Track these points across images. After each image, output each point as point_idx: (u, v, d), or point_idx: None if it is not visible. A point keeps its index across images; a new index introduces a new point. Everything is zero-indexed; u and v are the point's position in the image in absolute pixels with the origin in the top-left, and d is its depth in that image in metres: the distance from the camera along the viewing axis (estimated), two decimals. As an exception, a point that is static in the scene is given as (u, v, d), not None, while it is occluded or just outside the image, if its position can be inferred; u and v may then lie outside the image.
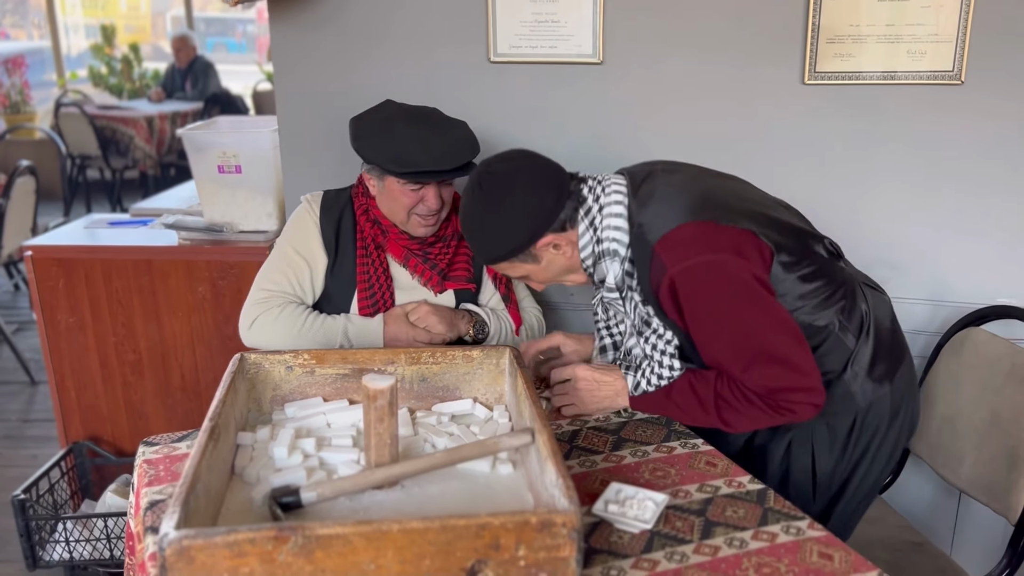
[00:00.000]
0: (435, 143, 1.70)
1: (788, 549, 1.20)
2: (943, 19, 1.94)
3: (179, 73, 7.04)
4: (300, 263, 1.83)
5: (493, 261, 1.56)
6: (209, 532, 0.99)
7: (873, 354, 1.56)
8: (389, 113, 1.77)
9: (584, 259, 1.54)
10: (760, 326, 1.43)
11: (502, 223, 1.49)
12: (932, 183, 2.09)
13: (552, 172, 1.53)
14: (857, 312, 1.56)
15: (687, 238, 1.44)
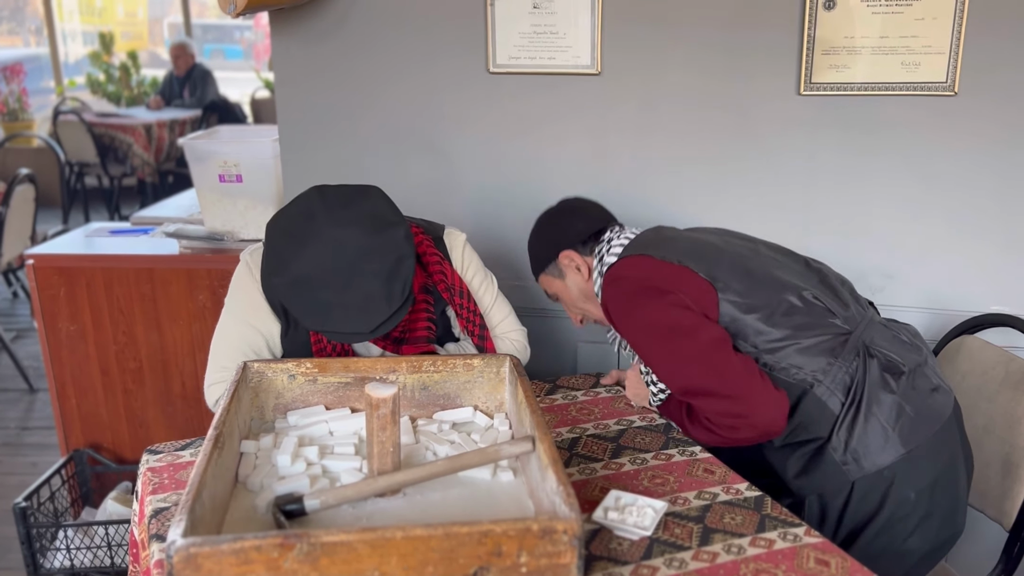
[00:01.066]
0: (351, 295, 1.42)
1: (785, 555, 1.22)
2: (937, 31, 1.97)
3: (177, 81, 7.06)
4: (252, 334, 1.65)
5: (534, 272, 1.83)
6: (216, 540, 1.00)
7: (865, 421, 1.46)
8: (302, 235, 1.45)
9: (597, 287, 1.69)
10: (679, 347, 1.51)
11: (539, 235, 1.81)
12: (926, 193, 2.11)
13: (592, 210, 1.81)
14: (840, 373, 1.47)
15: (620, 268, 1.62)
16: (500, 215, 2.31)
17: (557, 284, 1.80)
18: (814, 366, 1.48)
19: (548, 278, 1.81)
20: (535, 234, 1.83)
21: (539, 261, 1.81)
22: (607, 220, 1.79)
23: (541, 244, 1.80)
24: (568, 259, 1.75)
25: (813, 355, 1.48)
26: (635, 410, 1.70)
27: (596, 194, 2.26)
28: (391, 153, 2.34)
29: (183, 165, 6.44)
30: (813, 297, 1.55)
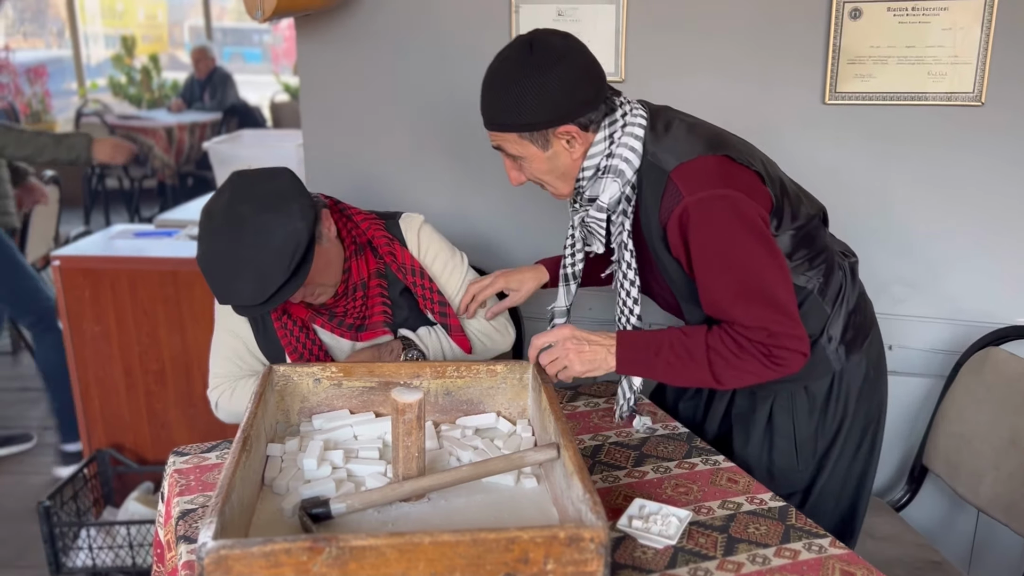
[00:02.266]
0: (247, 272, 1.46)
1: (811, 566, 1.22)
2: (964, 41, 1.96)
3: (198, 84, 7.12)
4: (233, 341, 1.74)
5: (507, 127, 1.46)
6: (246, 542, 1.01)
7: (846, 322, 1.59)
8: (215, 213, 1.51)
9: (585, 168, 1.49)
10: (766, 267, 1.42)
11: (539, 92, 1.42)
12: (951, 203, 2.10)
13: (599, 69, 1.49)
14: (835, 280, 1.59)
15: (704, 170, 1.43)
16: (523, 221, 2.32)
17: (533, 152, 1.48)
18: (817, 273, 1.56)
19: (521, 141, 1.47)
20: (524, 87, 1.42)
21: (522, 122, 1.44)
22: (605, 80, 1.49)
23: (535, 104, 1.42)
24: (567, 134, 1.46)
25: (817, 264, 1.56)
26: (656, 419, 1.70)
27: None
28: (415, 159, 2.36)
29: (203, 168, 6.51)
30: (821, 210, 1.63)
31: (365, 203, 2.38)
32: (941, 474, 1.94)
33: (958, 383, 1.95)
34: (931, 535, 2.14)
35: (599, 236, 1.57)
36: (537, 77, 1.42)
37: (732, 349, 1.43)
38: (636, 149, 1.48)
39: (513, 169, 1.55)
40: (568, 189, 1.55)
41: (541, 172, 1.52)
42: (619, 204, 1.51)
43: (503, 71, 1.46)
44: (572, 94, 1.43)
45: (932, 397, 2.09)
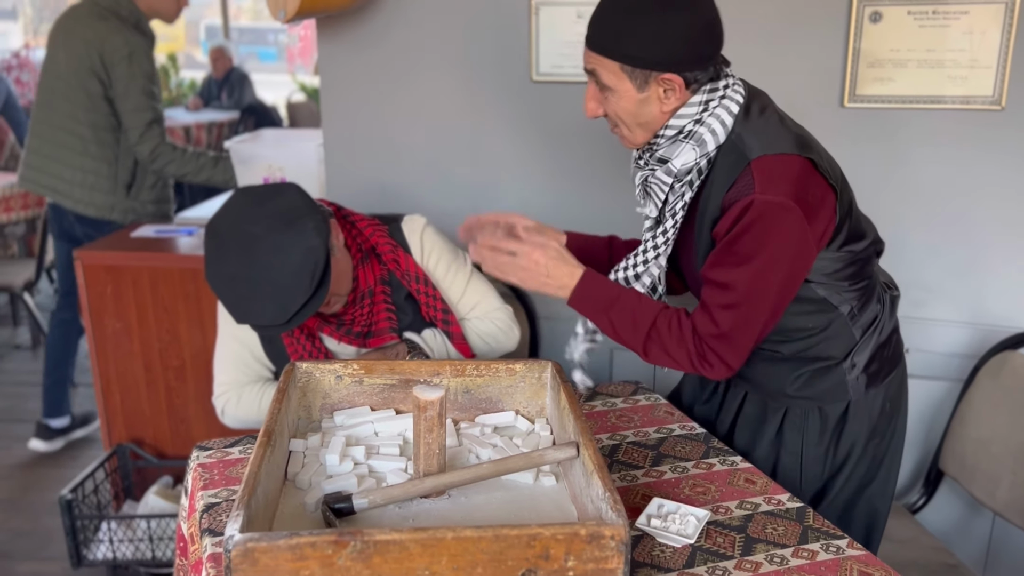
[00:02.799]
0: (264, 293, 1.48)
1: (829, 567, 1.22)
2: (984, 45, 1.96)
3: (215, 83, 7.16)
4: (239, 348, 1.76)
5: (612, 54, 1.40)
6: (273, 536, 1.03)
7: (873, 353, 1.58)
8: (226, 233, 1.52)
9: (670, 126, 1.44)
10: (771, 289, 1.41)
11: (660, 29, 1.37)
12: (970, 207, 2.10)
13: (721, 30, 1.44)
14: (871, 308, 1.57)
15: (785, 171, 1.39)
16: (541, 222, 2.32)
17: (626, 88, 1.42)
18: (855, 298, 1.54)
19: (619, 73, 1.41)
20: (641, 19, 1.37)
21: (630, 53, 1.38)
22: (722, 45, 1.44)
23: (652, 40, 1.37)
24: (669, 83, 1.40)
25: (857, 290, 1.54)
26: (674, 419, 1.71)
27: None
28: (433, 159, 2.37)
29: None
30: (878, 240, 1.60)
31: (384, 202, 2.41)
32: (958, 478, 1.94)
33: (976, 387, 1.95)
34: (947, 538, 2.14)
35: (657, 199, 1.52)
36: (663, 13, 1.37)
37: (674, 336, 1.46)
38: (726, 124, 1.43)
39: (594, 99, 1.49)
40: (643, 140, 1.49)
41: (624, 112, 1.46)
42: (688, 174, 1.46)
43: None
44: (691, 44, 1.38)
45: (950, 401, 2.09)
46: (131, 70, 2.86)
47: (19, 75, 7.58)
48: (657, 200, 1.52)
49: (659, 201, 1.52)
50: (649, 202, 1.55)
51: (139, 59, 2.88)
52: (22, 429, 3.56)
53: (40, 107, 3.01)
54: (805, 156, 1.41)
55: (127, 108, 2.87)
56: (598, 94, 1.48)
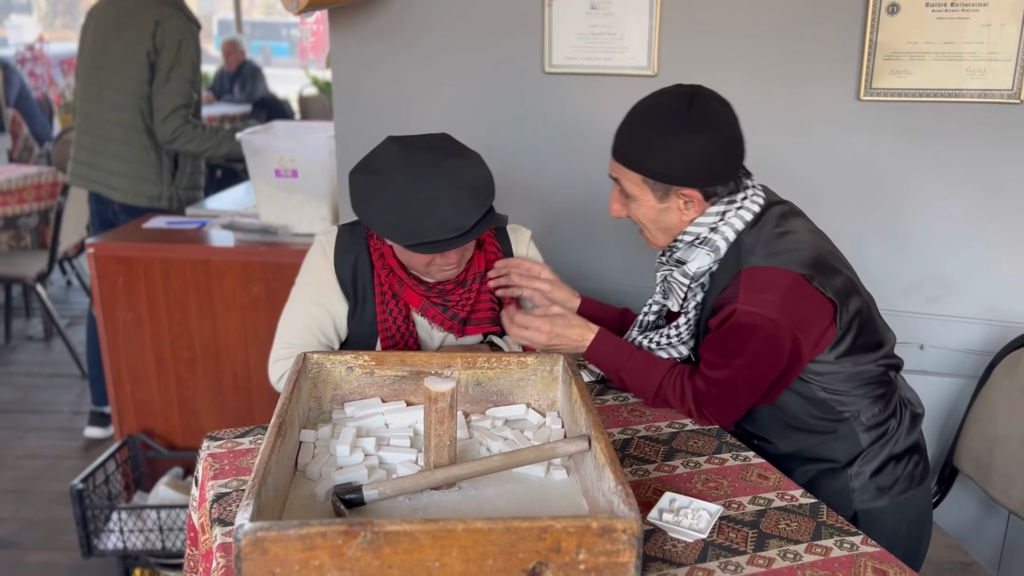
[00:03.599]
0: (441, 206, 1.50)
1: (842, 563, 1.21)
2: (1002, 38, 1.94)
3: (228, 76, 7.18)
4: (321, 314, 1.74)
5: (635, 167, 1.49)
6: (283, 525, 1.02)
7: (883, 463, 1.56)
8: (387, 164, 1.55)
9: (688, 232, 1.53)
10: (758, 380, 1.51)
11: (681, 149, 1.45)
12: (987, 201, 2.07)
13: (742, 147, 1.52)
14: (882, 419, 1.57)
15: (771, 284, 1.45)
16: (552, 215, 2.32)
17: (647, 199, 1.51)
18: (867, 407, 1.56)
19: (642, 185, 1.50)
20: (669, 137, 1.45)
21: (652, 168, 1.47)
22: (742, 159, 1.53)
23: (674, 159, 1.45)
24: (689, 197, 1.49)
25: (867, 398, 1.56)
26: (686, 413, 1.69)
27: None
28: (445, 151, 2.36)
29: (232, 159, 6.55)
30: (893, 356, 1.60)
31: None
32: (972, 475, 1.92)
33: (991, 384, 1.93)
34: (961, 536, 2.12)
35: (678, 296, 1.62)
36: (685, 135, 1.44)
37: (677, 396, 1.58)
38: (737, 230, 1.52)
39: (618, 202, 1.58)
40: (664, 242, 1.59)
41: (645, 219, 1.56)
42: (702, 277, 1.56)
43: (653, 115, 1.48)
44: (711, 163, 1.47)
45: (964, 398, 2.07)
46: (178, 55, 2.92)
47: (33, 68, 7.62)
48: (677, 298, 1.62)
49: (679, 298, 1.61)
50: (672, 297, 1.64)
51: (188, 46, 2.95)
52: (34, 420, 3.58)
53: (88, 102, 3.04)
54: (799, 272, 1.45)
55: (165, 91, 2.93)
56: (621, 198, 1.58)
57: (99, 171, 3.04)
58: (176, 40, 2.92)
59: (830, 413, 1.55)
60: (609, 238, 2.34)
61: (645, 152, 1.48)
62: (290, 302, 1.78)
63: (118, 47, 2.95)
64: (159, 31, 2.91)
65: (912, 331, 2.12)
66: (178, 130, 2.94)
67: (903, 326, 2.06)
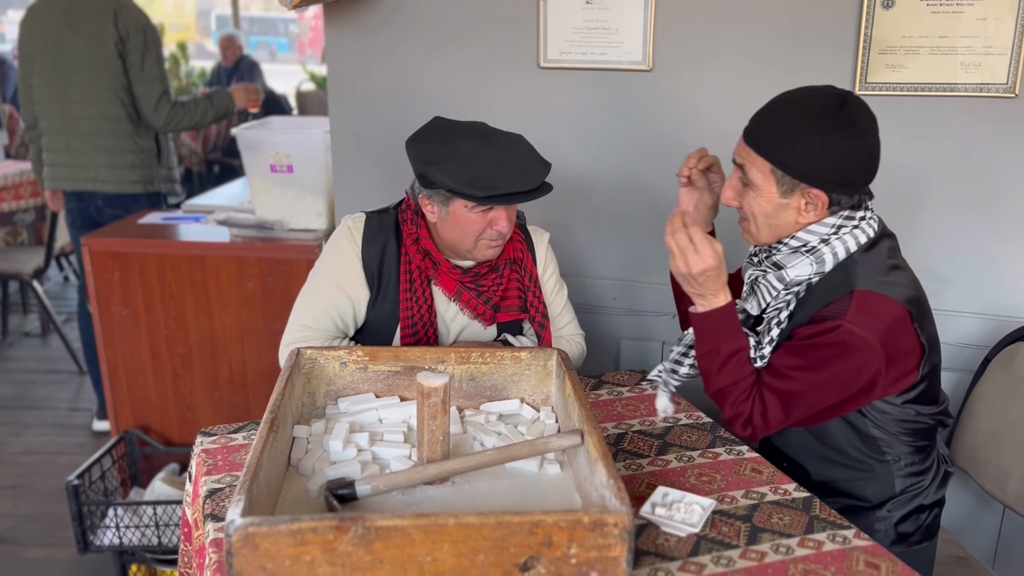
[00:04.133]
0: (509, 163, 1.60)
1: (835, 557, 1.21)
2: (998, 32, 1.93)
3: (225, 72, 7.16)
4: (341, 298, 1.74)
5: (769, 155, 1.44)
6: (274, 520, 1.03)
7: (910, 512, 1.58)
8: (448, 132, 1.65)
9: (798, 237, 1.48)
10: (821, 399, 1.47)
11: (823, 147, 1.40)
12: (983, 195, 2.07)
13: (877, 163, 1.47)
14: (921, 471, 1.58)
15: (881, 313, 1.42)
16: (547, 209, 2.31)
17: (770, 190, 1.46)
18: (906, 456, 1.56)
19: (768, 175, 1.45)
20: (813, 132, 1.40)
21: (787, 160, 1.42)
22: (874, 176, 1.48)
23: (812, 155, 1.40)
24: (815, 198, 1.44)
25: (911, 449, 1.56)
26: (680, 408, 1.69)
27: (647, 190, 2.26)
28: (440, 146, 2.36)
29: (230, 155, 6.55)
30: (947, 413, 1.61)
31: (391, 192, 2.39)
32: (967, 470, 1.92)
33: (986, 378, 1.93)
34: (957, 531, 2.12)
35: (762, 299, 1.55)
36: (830, 134, 1.40)
37: (745, 395, 1.50)
38: (849, 249, 1.47)
39: (733, 189, 1.52)
40: (767, 239, 1.52)
41: (760, 212, 1.49)
42: (797, 286, 1.50)
43: (801, 107, 1.44)
44: (846, 170, 1.42)
45: (960, 392, 2.07)
46: (146, 42, 2.96)
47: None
48: (762, 301, 1.55)
49: (763, 303, 1.55)
50: (752, 299, 1.58)
51: (152, 31, 3.00)
52: (31, 416, 3.58)
53: (54, 104, 3.00)
54: (907, 308, 1.44)
55: (143, 78, 2.95)
56: (739, 186, 1.51)
57: (84, 168, 3.01)
58: (140, 26, 2.95)
59: (874, 451, 1.54)
60: (606, 232, 2.34)
61: (782, 142, 1.42)
62: (310, 284, 1.78)
63: (77, 43, 2.93)
64: (119, 21, 2.92)
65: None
66: (170, 114, 2.99)
67: (898, 320, 2.06)
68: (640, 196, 2.27)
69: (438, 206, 1.66)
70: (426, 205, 1.68)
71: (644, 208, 2.28)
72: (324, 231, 2.54)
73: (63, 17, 2.94)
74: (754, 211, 1.49)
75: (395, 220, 1.77)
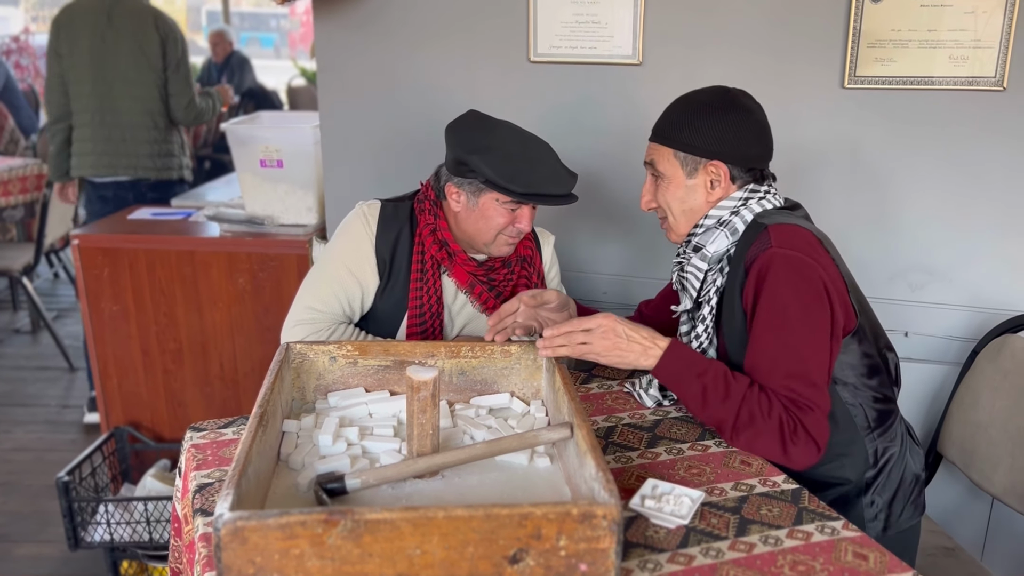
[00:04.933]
0: (544, 166, 1.65)
1: (823, 548, 1.22)
2: (986, 25, 1.94)
3: (216, 68, 7.13)
4: (351, 283, 1.75)
5: (669, 141, 1.57)
6: (262, 514, 1.02)
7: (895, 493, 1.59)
8: (487, 125, 1.69)
9: (709, 216, 1.57)
10: (812, 338, 1.45)
11: (714, 123, 1.53)
12: (971, 188, 2.08)
13: (771, 145, 1.60)
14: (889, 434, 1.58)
15: (801, 237, 1.48)
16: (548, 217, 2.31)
17: (677, 175, 1.57)
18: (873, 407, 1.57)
19: (673, 160, 1.57)
20: (708, 113, 1.54)
21: (684, 140, 1.55)
22: (769, 158, 1.60)
23: (705, 130, 1.53)
24: (715, 173, 1.55)
25: (877, 397, 1.58)
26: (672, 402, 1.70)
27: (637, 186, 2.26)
28: (430, 141, 2.36)
29: (219, 151, 6.52)
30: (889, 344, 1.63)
31: (381, 186, 2.39)
32: (956, 461, 1.93)
33: (974, 370, 1.94)
34: (945, 522, 2.14)
35: (692, 290, 1.61)
36: (719, 112, 1.54)
37: (762, 408, 1.43)
38: (755, 212, 1.56)
39: (649, 193, 1.64)
40: (685, 229, 1.61)
41: (673, 198, 1.59)
42: (719, 261, 1.57)
43: (691, 99, 1.59)
44: (739, 141, 1.54)
45: (948, 384, 2.09)
46: (182, 46, 3.36)
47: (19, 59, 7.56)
48: (692, 289, 1.61)
49: (693, 290, 1.61)
50: (685, 296, 1.64)
51: (183, 38, 3.40)
52: (21, 413, 3.57)
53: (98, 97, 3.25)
54: (817, 236, 1.51)
55: (178, 79, 3.33)
56: (653, 186, 1.63)
57: (126, 157, 3.29)
58: (176, 31, 3.32)
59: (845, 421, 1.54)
60: (596, 226, 2.34)
61: (680, 128, 1.56)
62: (319, 267, 1.78)
63: (122, 44, 3.23)
64: (160, 24, 3.27)
65: (897, 318, 2.13)
66: (197, 111, 3.41)
67: (888, 313, 2.07)
68: (630, 191, 2.27)
69: (467, 195, 1.69)
70: (453, 193, 1.71)
71: (634, 203, 2.28)
72: (314, 226, 2.53)
73: (106, 20, 3.22)
74: (668, 200, 1.60)
75: (410, 209, 1.78)
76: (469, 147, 1.64)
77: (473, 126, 1.69)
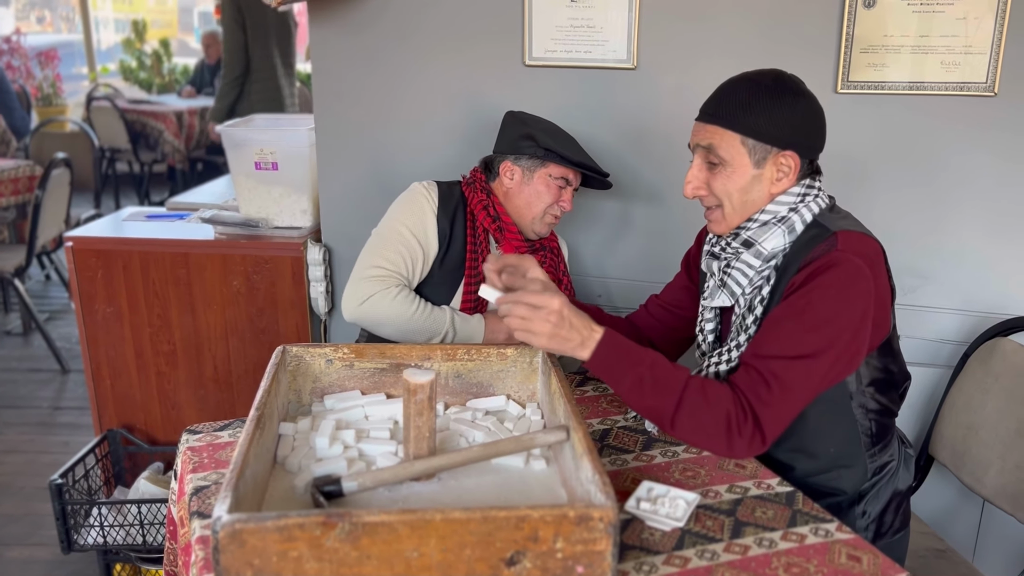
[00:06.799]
0: (585, 155, 1.93)
1: (817, 550, 1.23)
2: (978, 31, 1.96)
3: (208, 69, 7.12)
4: (416, 246, 1.87)
5: (737, 125, 1.43)
6: (261, 517, 1.03)
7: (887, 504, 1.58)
8: (536, 116, 1.98)
9: (767, 211, 1.47)
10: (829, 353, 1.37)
11: (789, 108, 1.43)
12: (962, 193, 2.10)
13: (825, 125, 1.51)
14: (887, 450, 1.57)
15: (867, 248, 1.42)
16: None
17: (743, 163, 1.44)
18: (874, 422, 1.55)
19: (740, 147, 1.44)
20: (779, 97, 1.43)
21: (757, 126, 1.42)
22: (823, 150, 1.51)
23: (781, 117, 1.42)
24: (787, 162, 1.44)
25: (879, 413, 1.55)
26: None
27: (631, 189, 2.27)
28: (426, 144, 2.36)
29: (213, 153, 6.52)
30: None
31: (376, 188, 2.40)
32: (947, 464, 1.94)
33: (966, 373, 1.96)
34: (936, 524, 2.15)
35: (735, 286, 1.50)
36: (789, 97, 1.43)
37: (708, 398, 1.37)
38: (815, 213, 1.47)
39: (698, 179, 1.50)
40: (738, 222, 1.49)
41: (735, 188, 1.46)
42: (773, 259, 1.47)
43: (752, 80, 1.46)
44: (811, 129, 1.46)
45: (940, 387, 2.10)
46: None
47: (10, 60, 7.53)
48: (736, 286, 1.50)
49: (738, 287, 1.50)
50: (723, 291, 1.53)
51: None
52: (13, 415, 3.55)
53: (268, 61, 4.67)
54: (880, 245, 1.47)
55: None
56: (705, 173, 1.49)
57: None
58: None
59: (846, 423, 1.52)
60: (590, 229, 2.35)
61: (749, 110, 1.42)
62: (382, 233, 1.89)
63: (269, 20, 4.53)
64: None
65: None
66: None
67: (880, 317, 2.08)
68: (623, 194, 2.28)
69: (522, 171, 1.91)
70: (507, 171, 1.92)
71: (628, 206, 2.30)
72: (309, 228, 2.53)
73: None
74: (728, 189, 1.47)
75: (460, 191, 1.96)
76: (537, 126, 1.90)
77: (526, 115, 1.97)
